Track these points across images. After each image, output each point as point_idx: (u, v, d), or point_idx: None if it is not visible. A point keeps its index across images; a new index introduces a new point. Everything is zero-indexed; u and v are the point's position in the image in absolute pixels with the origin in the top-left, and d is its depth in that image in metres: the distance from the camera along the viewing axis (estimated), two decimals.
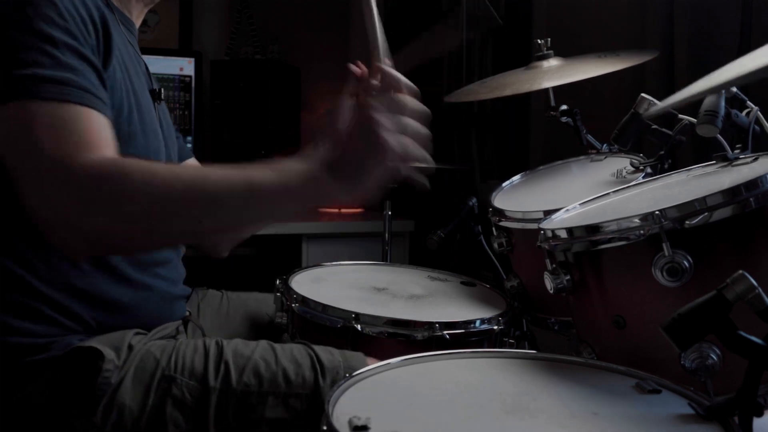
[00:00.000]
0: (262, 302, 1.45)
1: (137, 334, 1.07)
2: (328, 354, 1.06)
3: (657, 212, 0.89)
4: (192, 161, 1.46)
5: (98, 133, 0.91)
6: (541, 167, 1.63)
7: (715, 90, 0.92)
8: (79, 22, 0.95)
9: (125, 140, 1.03)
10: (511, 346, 1.23)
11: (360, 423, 0.69)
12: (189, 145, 2.87)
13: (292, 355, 1.06)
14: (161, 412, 1.00)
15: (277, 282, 1.33)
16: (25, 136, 0.89)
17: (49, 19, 0.92)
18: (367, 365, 1.01)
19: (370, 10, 1.10)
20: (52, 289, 1.01)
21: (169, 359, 1.03)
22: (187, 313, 1.25)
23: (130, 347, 1.03)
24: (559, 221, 1.16)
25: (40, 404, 0.99)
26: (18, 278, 1.00)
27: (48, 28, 0.92)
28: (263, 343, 1.09)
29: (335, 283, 1.40)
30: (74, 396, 0.99)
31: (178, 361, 1.03)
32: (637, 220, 0.92)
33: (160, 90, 1.22)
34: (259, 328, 1.41)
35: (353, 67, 1.12)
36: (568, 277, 1.04)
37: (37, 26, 0.91)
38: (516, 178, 1.59)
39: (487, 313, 1.25)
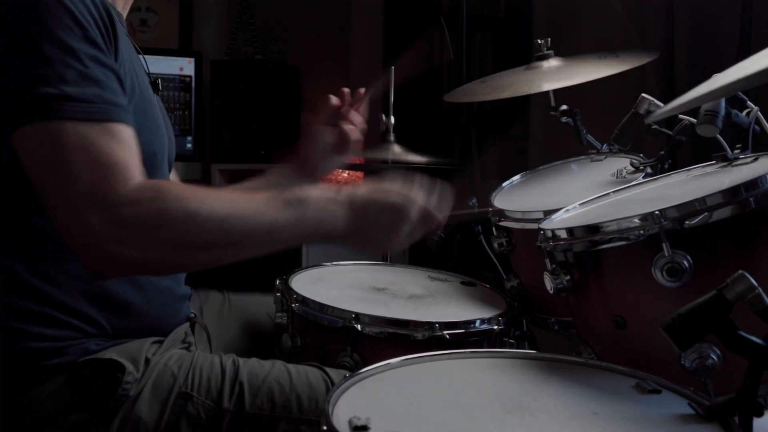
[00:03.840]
0: (263, 304, 1.45)
1: (154, 343, 1.07)
2: (341, 378, 1.06)
3: (657, 212, 0.89)
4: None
5: (128, 151, 0.90)
6: (541, 167, 1.63)
7: (716, 95, 0.92)
8: (93, 26, 0.93)
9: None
10: (511, 346, 1.23)
11: (360, 423, 0.69)
12: (189, 146, 2.87)
13: (307, 379, 1.06)
14: (176, 429, 1.00)
15: (277, 282, 1.33)
16: (55, 159, 0.87)
17: (67, 27, 0.89)
18: None
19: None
20: (64, 293, 1.01)
21: (186, 376, 1.03)
22: (192, 314, 1.25)
23: (147, 360, 1.03)
24: (559, 221, 1.16)
25: (55, 407, 0.98)
26: (30, 284, 1.00)
27: (69, 39, 0.89)
28: (279, 365, 1.09)
29: (335, 283, 1.40)
30: (91, 405, 0.99)
31: (195, 379, 1.03)
32: (636, 220, 0.92)
33: (157, 81, 1.21)
34: (259, 331, 1.41)
35: (332, 98, 1.30)
36: (568, 277, 1.04)
37: (57, 36, 0.89)
38: (516, 178, 1.59)
39: (487, 313, 1.25)
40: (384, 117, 1.85)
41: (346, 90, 1.39)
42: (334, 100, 1.39)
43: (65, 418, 0.98)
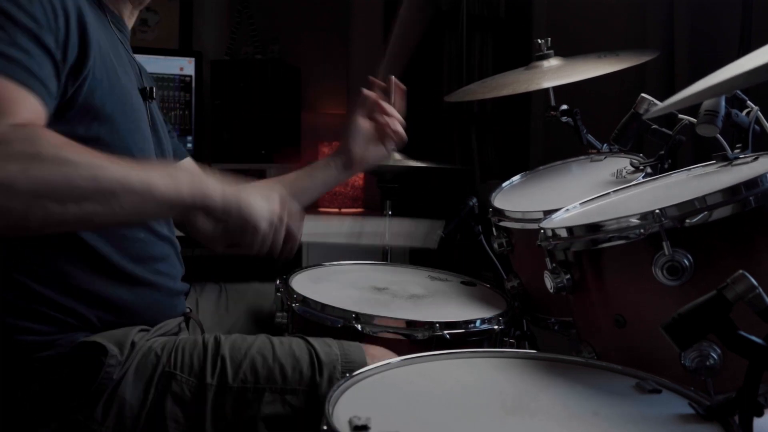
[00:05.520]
0: (262, 293, 1.45)
1: (141, 330, 1.08)
2: (326, 347, 1.07)
3: (657, 211, 0.89)
4: (188, 161, 1.45)
5: (22, 107, 0.87)
6: (541, 167, 1.63)
7: (715, 92, 0.92)
8: (48, 11, 0.94)
9: (108, 141, 1.03)
10: (511, 346, 1.23)
11: (360, 423, 0.69)
12: (189, 145, 2.87)
13: (290, 350, 1.06)
14: (161, 408, 1.01)
15: (277, 282, 1.33)
16: None
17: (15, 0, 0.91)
18: (365, 356, 1.03)
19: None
20: (54, 292, 1.02)
21: (169, 356, 1.04)
22: (188, 310, 1.25)
23: (133, 344, 1.04)
24: (559, 220, 1.16)
25: (45, 398, 1.00)
26: (20, 283, 1.01)
27: (10, 7, 0.90)
28: (262, 337, 1.09)
29: (335, 283, 1.40)
30: (76, 390, 1.00)
31: (178, 358, 1.04)
32: (637, 219, 0.92)
33: (151, 89, 1.21)
34: (259, 320, 1.41)
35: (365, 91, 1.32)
36: (568, 277, 1.03)
37: (1, 4, 0.90)
38: (516, 178, 1.59)
39: (487, 313, 1.25)
40: None
41: (376, 81, 1.41)
42: (369, 92, 1.41)
43: (52, 405, 0.99)
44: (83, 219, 0.88)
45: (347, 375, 0.85)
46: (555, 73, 1.54)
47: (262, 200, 1.00)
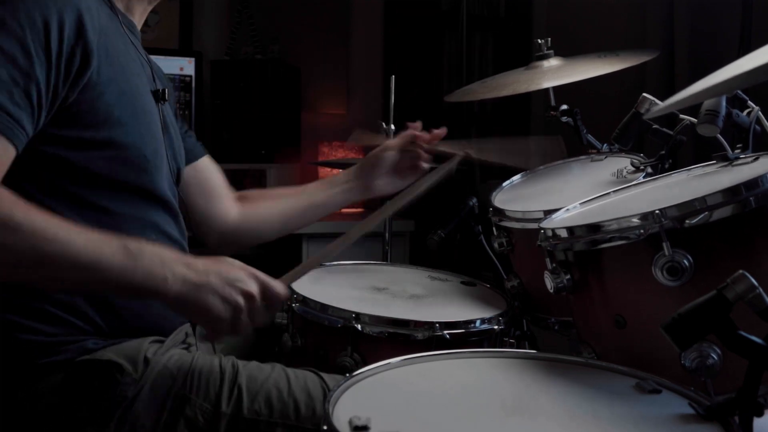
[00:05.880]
0: None
1: (153, 342, 1.07)
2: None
3: (657, 211, 0.89)
4: (205, 160, 1.42)
5: None
6: (541, 167, 1.62)
7: (715, 92, 0.92)
8: (39, 28, 0.93)
9: (119, 144, 1.04)
10: (511, 346, 1.23)
11: (360, 423, 0.69)
12: None
13: (305, 385, 1.05)
14: (173, 431, 1.00)
15: None
16: None
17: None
18: None
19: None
20: (60, 292, 1.01)
21: (185, 377, 1.03)
22: None
23: (147, 360, 1.03)
24: (559, 220, 1.16)
25: (53, 406, 0.99)
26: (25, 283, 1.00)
27: None
28: (278, 369, 1.09)
29: (335, 283, 1.40)
30: (89, 404, 0.99)
31: (194, 381, 1.03)
32: (637, 220, 0.92)
33: (163, 91, 1.20)
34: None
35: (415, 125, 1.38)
36: (568, 277, 1.03)
37: None
38: (516, 178, 1.59)
39: (487, 313, 1.25)
40: (384, 125, 1.86)
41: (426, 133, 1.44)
42: (417, 127, 1.43)
43: (62, 417, 0.98)
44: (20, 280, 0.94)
45: (347, 375, 0.85)
46: (555, 73, 1.54)
47: (222, 288, 0.95)
